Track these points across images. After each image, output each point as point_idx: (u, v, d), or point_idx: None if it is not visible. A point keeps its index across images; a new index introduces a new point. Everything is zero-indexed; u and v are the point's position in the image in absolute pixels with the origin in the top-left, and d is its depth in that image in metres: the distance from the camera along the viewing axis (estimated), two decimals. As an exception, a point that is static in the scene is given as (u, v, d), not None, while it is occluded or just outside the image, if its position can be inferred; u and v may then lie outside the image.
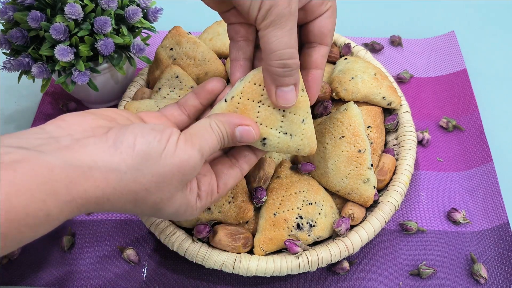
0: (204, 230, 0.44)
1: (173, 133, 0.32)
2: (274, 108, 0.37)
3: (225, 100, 0.37)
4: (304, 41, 0.38)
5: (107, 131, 0.31)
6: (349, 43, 0.60)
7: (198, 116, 0.42)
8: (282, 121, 0.37)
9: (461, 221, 0.52)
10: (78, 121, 0.32)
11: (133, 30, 0.55)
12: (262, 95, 0.36)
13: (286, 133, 0.38)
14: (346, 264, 0.48)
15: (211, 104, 0.42)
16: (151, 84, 0.58)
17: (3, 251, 0.26)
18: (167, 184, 0.32)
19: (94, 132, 0.31)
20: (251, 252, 0.45)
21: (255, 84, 0.36)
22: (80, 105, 0.64)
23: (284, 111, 0.37)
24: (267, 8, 0.31)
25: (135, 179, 0.30)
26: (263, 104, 0.36)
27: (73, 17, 0.48)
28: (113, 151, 0.30)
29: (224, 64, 0.57)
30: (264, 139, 0.38)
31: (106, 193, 0.29)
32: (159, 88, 0.53)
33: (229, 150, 0.41)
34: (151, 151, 0.30)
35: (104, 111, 0.36)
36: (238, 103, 0.37)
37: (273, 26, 0.32)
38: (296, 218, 0.45)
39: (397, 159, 0.51)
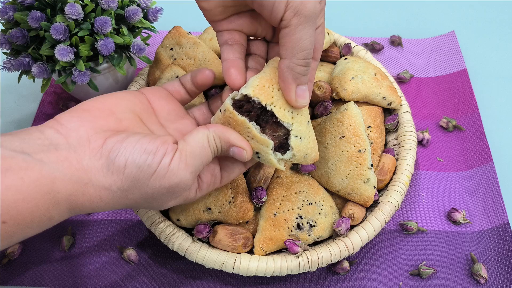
0: (204, 230, 0.44)
1: (166, 154, 0.32)
2: (285, 110, 0.36)
3: (220, 111, 0.36)
4: None
5: (102, 143, 0.32)
6: (349, 43, 0.60)
7: (196, 96, 0.44)
8: (292, 123, 0.36)
9: (461, 221, 0.52)
10: (75, 125, 0.33)
11: (133, 30, 0.55)
12: (273, 96, 0.35)
13: (296, 136, 0.37)
14: (346, 264, 0.48)
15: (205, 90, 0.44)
16: (151, 84, 0.58)
17: (6, 246, 0.30)
18: (156, 200, 0.34)
19: (90, 142, 0.32)
20: (251, 252, 0.45)
21: (264, 86, 0.35)
22: (80, 105, 0.64)
23: (292, 112, 0.36)
24: (297, 4, 0.31)
25: (125, 196, 0.33)
26: (274, 106, 0.35)
27: (73, 17, 0.48)
28: (106, 171, 0.32)
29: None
30: (255, 152, 0.37)
31: (100, 206, 0.33)
32: (159, 88, 0.53)
33: None
34: (140, 175, 0.32)
35: (102, 104, 0.36)
36: (230, 117, 0.36)
37: (307, 23, 0.32)
38: (296, 218, 0.45)
39: (397, 159, 0.51)
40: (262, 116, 0.36)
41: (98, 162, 0.32)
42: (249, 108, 0.35)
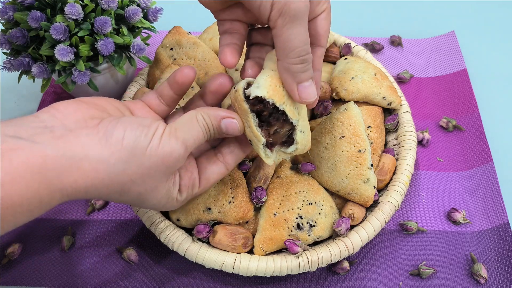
0: (204, 230, 0.44)
1: (158, 127, 0.34)
2: (292, 107, 0.36)
3: (234, 88, 0.37)
4: None
5: (98, 123, 0.33)
6: (349, 43, 0.60)
7: (175, 105, 0.42)
8: (298, 120, 0.37)
9: (461, 221, 0.52)
10: (71, 110, 0.34)
11: (133, 30, 0.55)
12: (284, 96, 0.36)
13: (301, 131, 0.37)
14: (346, 264, 0.48)
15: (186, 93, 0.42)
16: (151, 84, 0.58)
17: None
18: (151, 176, 0.34)
19: (86, 123, 0.33)
20: (251, 252, 0.45)
21: (276, 86, 0.35)
22: (80, 105, 0.64)
23: (297, 108, 0.37)
24: (282, 4, 0.31)
25: (123, 170, 0.32)
26: (286, 106, 0.35)
27: (73, 17, 0.48)
28: (104, 143, 0.31)
29: (224, 64, 0.57)
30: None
31: (95, 184, 0.31)
32: (159, 88, 0.53)
33: (217, 145, 0.42)
34: (138, 145, 0.32)
35: (96, 100, 0.37)
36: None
37: (293, 23, 0.32)
38: (296, 218, 0.45)
39: (397, 159, 0.51)
40: (274, 114, 0.36)
41: (96, 136, 0.32)
42: (262, 108, 0.35)
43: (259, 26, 0.41)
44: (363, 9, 0.78)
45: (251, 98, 0.35)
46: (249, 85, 0.36)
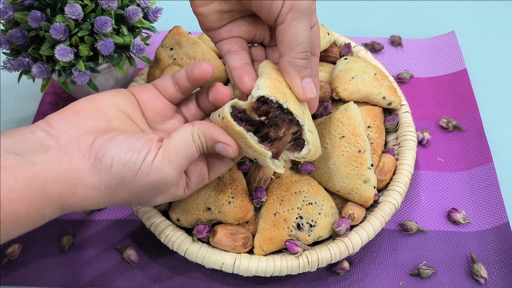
0: (204, 230, 0.44)
1: (150, 151, 0.33)
2: (296, 105, 0.36)
3: (219, 116, 0.36)
4: None
5: (92, 143, 0.33)
6: (349, 43, 0.60)
7: (189, 92, 0.42)
8: (304, 119, 0.36)
9: (461, 221, 0.52)
10: (66, 127, 0.34)
11: (133, 30, 0.55)
12: (285, 94, 0.36)
13: (309, 130, 0.37)
14: (346, 264, 0.48)
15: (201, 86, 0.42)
16: (151, 84, 0.58)
17: (2, 242, 0.30)
18: (144, 196, 0.35)
19: (80, 142, 0.33)
20: (251, 252, 0.45)
21: (276, 86, 0.35)
22: (80, 105, 0.64)
23: (300, 107, 0.37)
24: (292, 2, 0.33)
25: (113, 194, 0.33)
26: (289, 104, 0.35)
27: (73, 17, 0.48)
28: (93, 171, 0.32)
29: (224, 64, 0.57)
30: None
31: (91, 205, 0.34)
32: (159, 88, 0.53)
33: None
34: (125, 173, 0.33)
35: (93, 102, 0.37)
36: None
37: (301, 18, 0.34)
38: (296, 218, 0.45)
39: (397, 159, 0.51)
40: (279, 115, 0.36)
41: (87, 163, 0.32)
42: (267, 109, 0.35)
43: (252, 44, 0.42)
44: (363, 9, 0.78)
45: (254, 99, 0.35)
46: (233, 107, 0.35)
